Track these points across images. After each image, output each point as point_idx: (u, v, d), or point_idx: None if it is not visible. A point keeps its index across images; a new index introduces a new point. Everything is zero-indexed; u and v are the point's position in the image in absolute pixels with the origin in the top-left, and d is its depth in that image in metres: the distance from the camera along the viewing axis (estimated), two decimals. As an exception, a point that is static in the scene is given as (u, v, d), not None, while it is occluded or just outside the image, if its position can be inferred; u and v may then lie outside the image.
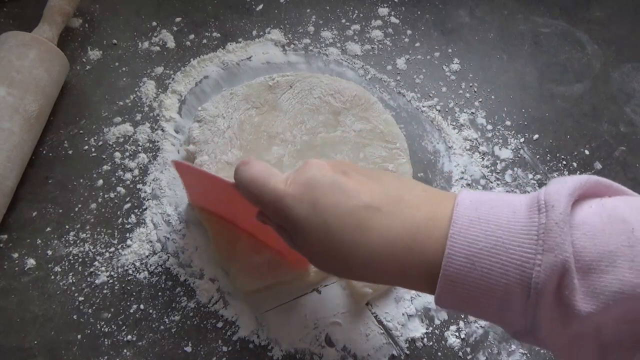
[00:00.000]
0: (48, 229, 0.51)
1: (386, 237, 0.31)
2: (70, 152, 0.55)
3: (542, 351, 0.46)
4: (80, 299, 0.47)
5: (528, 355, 0.46)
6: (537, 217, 0.28)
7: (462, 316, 0.47)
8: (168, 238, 0.50)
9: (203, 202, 0.49)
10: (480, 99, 0.60)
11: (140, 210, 0.52)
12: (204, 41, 0.63)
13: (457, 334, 0.47)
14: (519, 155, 0.56)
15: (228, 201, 0.43)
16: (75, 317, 0.46)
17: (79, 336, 0.45)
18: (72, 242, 0.50)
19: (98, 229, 0.51)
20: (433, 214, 0.31)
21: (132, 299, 0.47)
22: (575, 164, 0.56)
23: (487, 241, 0.29)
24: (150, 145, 0.56)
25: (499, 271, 0.28)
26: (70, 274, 0.48)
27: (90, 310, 0.47)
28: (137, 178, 0.54)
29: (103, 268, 0.49)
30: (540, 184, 0.55)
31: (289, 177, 0.35)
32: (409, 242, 0.31)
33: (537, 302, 0.27)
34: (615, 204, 0.29)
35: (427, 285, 0.31)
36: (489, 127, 0.58)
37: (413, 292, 0.48)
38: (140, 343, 0.45)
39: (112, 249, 0.50)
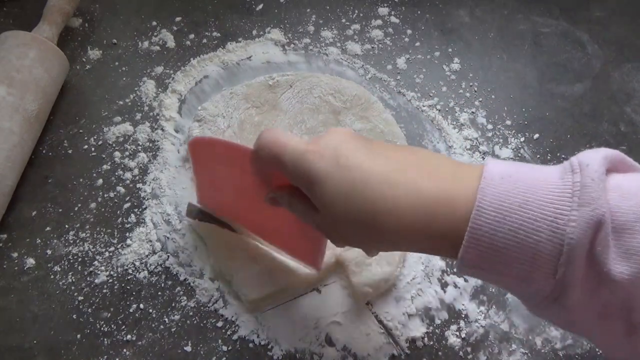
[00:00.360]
0: (48, 228, 0.50)
1: (412, 191, 0.30)
2: (70, 151, 0.55)
3: (542, 350, 0.46)
4: (80, 298, 0.47)
5: (529, 355, 0.46)
6: (570, 176, 0.28)
7: (463, 315, 0.47)
8: (168, 237, 0.50)
9: (212, 195, 0.48)
10: (481, 99, 0.60)
11: (140, 209, 0.52)
12: (204, 41, 0.63)
13: (457, 333, 0.46)
14: (519, 155, 0.56)
15: (239, 186, 0.42)
16: (74, 316, 0.46)
17: (79, 336, 0.45)
18: (71, 241, 0.50)
19: (98, 229, 0.51)
20: (461, 172, 0.31)
21: (131, 298, 0.47)
22: (575, 164, 0.56)
23: (518, 197, 0.28)
24: (150, 145, 0.56)
25: (530, 227, 0.28)
26: (70, 273, 0.48)
27: (89, 310, 0.46)
28: (137, 177, 0.54)
29: (103, 267, 0.48)
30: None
31: (311, 139, 0.34)
32: (436, 196, 0.30)
33: (569, 260, 0.27)
34: None
35: (452, 246, 0.30)
36: (489, 126, 0.58)
37: (413, 291, 0.48)
38: (140, 342, 0.45)
39: (112, 249, 0.50)
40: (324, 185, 0.32)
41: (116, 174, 0.54)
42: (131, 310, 0.47)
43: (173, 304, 0.47)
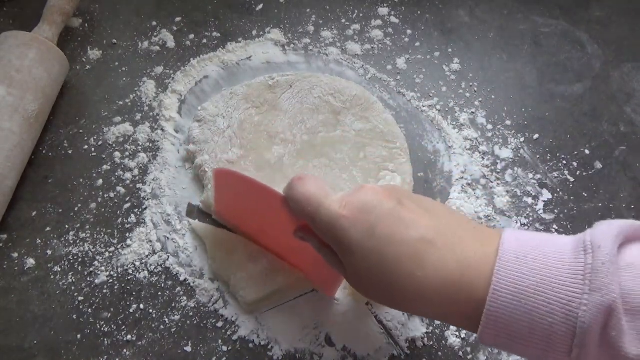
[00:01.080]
0: (48, 228, 0.50)
1: (439, 272, 0.32)
2: (70, 151, 0.55)
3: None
4: (80, 298, 0.47)
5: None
6: (583, 257, 0.29)
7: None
8: (168, 238, 0.50)
9: (230, 214, 0.47)
10: (481, 99, 0.60)
11: (140, 210, 0.52)
12: (204, 41, 0.63)
13: (457, 333, 0.46)
14: (519, 155, 0.56)
15: (262, 215, 0.43)
16: (75, 316, 0.46)
17: (79, 336, 0.45)
18: (71, 241, 0.50)
19: (98, 229, 0.51)
20: (482, 252, 0.32)
21: (132, 298, 0.47)
22: (575, 164, 0.56)
23: (532, 279, 0.29)
24: (150, 145, 0.56)
25: (545, 310, 0.28)
26: (70, 273, 0.48)
27: (90, 310, 0.46)
28: (137, 178, 0.54)
29: (103, 268, 0.49)
30: (541, 183, 0.55)
31: (344, 199, 0.35)
32: (459, 278, 0.31)
33: (583, 343, 0.27)
34: None
35: (471, 323, 0.31)
36: (489, 126, 0.58)
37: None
38: (140, 343, 0.45)
39: (112, 249, 0.50)
40: (354, 254, 0.33)
41: (116, 174, 0.54)
42: (131, 311, 0.47)
43: (173, 304, 0.47)
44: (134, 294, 0.47)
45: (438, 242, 0.32)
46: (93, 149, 0.55)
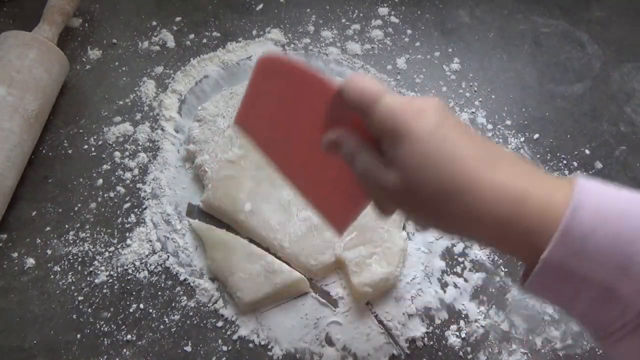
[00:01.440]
0: (48, 228, 0.50)
1: (510, 180, 0.28)
2: (70, 151, 0.55)
3: (542, 350, 0.46)
4: (80, 298, 0.47)
5: (529, 354, 0.46)
6: None
7: (463, 315, 0.47)
8: (168, 237, 0.50)
9: (254, 121, 0.42)
10: (481, 99, 0.60)
11: (140, 209, 0.52)
12: (204, 41, 0.63)
13: (457, 333, 0.46)
14: (519, 155, 0.56)
15: (295, 120, 0.38)
16: (74, 316, 0.46)
17: (79, 336, 0.45)
18: (71, 241, 0.50)
19: (98, 229, 0.51)
20: (554, 179, 0.29)
21: (131, 298, 0.47)
22: (575, 164, 0.56)
23: (619, 204, 0.26)
24: (150, 145, 0.56)
25: (628, 236, 0.25)
26: (70, 273, 0.48)
27: (89, 310, 0.46)
28: (137, 177, 0.54)
29: (103, 267, 0.48)
30: (541, 183, 0.55)
31: (406, 98, 0.31)
32: (528, 191, 0.28)
33: None
34: None
35: (531, 248, 0.27)
36: (489, 126, 0.58)
37: (413, 291, 0.48)
38: (139, 342, 0.45)
39: (112, 249, 0.50)
40: (414, 144, 0.29)
41: (116, 174, 0.54)
42: (131, 310, 0.47)
43: (173, 304, 0.47)
44: (134, 293, 0.47)
45: (506, 160, 0.29)
46: (93, 149, 0.55)
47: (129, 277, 0.48)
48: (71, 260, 0.49)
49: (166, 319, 0.46)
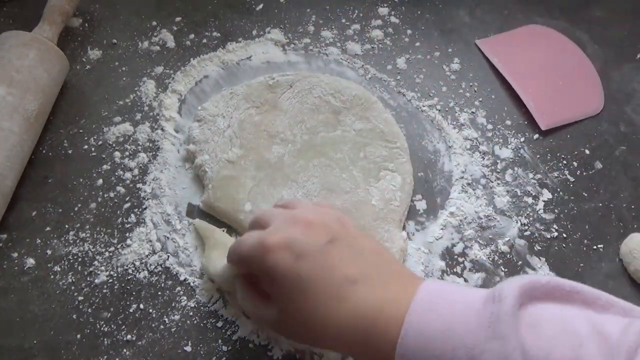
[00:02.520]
0: (48, 228, 0.50)
1: (358, 309, 0.34)
2: (70, 151, 0.55)
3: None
4: (80, 298, 0.47)
5: (528, 354, 0.46)
6: (490, 305, 0.30)
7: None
8: (168, 237, 0.50)
9: None
10: (481, 99, 0.60)
11: (140, 209, 0.52)
12: (204, 41, 0.63)
13: (457, 333, 0.46)
14: (519, 155, 0.56)
15: None
16: (74, 316, 0.46)
17: (79, 336, 0.45)
18: (71, 241, 0.50)
19: (98, 229, 0.51)
20: (401, 296, 0.34)
21: (131, 298, 0.47)
22: (575, 164, 0.56)
23: (440, 324, 0.31)
24: (150, 145, 0.56)
25: (449, 356, 0.30)
26: (70, 273, 0.48)
27: (89, 310, 0.46)
28: (137, 177, 0.54)
29: (103, 267, 0.48)
30: (541, 183, 0.55)
31: (274, 232, 0.37)
32: (376, 318, 0.33)
33: None
34: (576, 314, 0.30)
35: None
36: (489, 126, 0.58)
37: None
38: (139, 343, 0.45)
39: (112, 249, 0.50)
40: (278, 282, 0.36)
41: (116, 174, 0.54)
42: (131, 310, 0.47)
43: (173, 304, 0.47)
44: (134, 293, 0.47)
45: (361, 282, 0.35)
46: (93, 149, 0.55)
47: (129, 277, 0.48)
48: (71, 260, 0.49)
49: (166, 319, 0.46)
